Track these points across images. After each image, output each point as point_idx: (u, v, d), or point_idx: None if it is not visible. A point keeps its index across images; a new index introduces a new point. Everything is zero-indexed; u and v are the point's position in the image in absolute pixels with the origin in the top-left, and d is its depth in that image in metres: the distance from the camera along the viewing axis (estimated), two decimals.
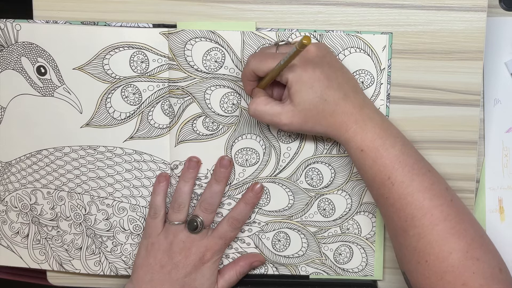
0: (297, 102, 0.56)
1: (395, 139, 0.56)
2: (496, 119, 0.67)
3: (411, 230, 0.54)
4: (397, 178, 0.54)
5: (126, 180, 0.67)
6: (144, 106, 0.65)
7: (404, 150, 0.55)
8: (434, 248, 0.53)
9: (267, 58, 0.57)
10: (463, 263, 0.52)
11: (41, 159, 0.68)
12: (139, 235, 0.68)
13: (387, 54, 0.63)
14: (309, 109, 0.56)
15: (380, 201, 0.57)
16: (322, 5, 0.63)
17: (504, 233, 0.68)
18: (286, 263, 0.68)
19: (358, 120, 0.56)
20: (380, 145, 0.55)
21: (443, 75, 0.63)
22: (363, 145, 0.55)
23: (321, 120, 0.56)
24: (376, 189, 0.56)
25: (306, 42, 0.50)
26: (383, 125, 0.56)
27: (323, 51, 0.57)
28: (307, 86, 0.55)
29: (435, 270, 0.53)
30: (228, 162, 0.65)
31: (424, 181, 0.54)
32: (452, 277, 0.52)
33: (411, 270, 0.55)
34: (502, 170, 0.68)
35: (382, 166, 0.55)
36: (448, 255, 0.52)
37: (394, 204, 0.55)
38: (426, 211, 0.53)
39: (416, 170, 0.55)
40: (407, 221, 0.54)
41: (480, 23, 0.62)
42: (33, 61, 0.65)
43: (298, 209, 0.67)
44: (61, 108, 0.66)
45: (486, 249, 0.53)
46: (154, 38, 0.64)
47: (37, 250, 0.70)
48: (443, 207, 0.54)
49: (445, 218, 0.53)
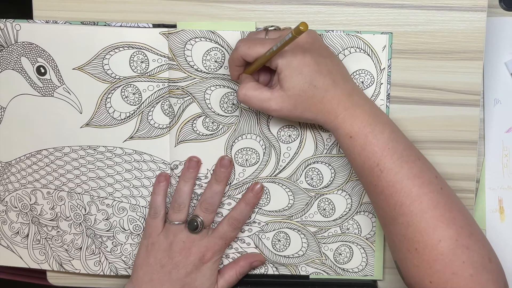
0: (286, 87, 0.56)
1: (384, 126, 0.56)
2: (496, 119, 0.67)
3: (400, 217, 0.54)
4: (385, 165, 0.54)
5: (126, 180, 0.67)
6: (144, 106, 0.65)
7: (393, 137, 0.55)
8: (423, 236, 0.52)
9: (256, 44, 0.57)
10: (453, 252, 0.52)
11: (41, 159, 0.68)
12: (139, 235, 0.68)
13: (387, 54, 0.63)
14: (299, 95, 0.56)
15: (369, 188, 0.56)
16: (322, 5, 0.63)
17: (504, 233, 0.68)
18: (286, 263, 0.68)
19: (347, 106, 0.56)
20: (369, 131, 0.55)
21: (443, 75, 0.63)
22: (352, 132, 0.55)
23: (310, 106, 0.56)
24: (365, 177, 0.56)
25: (303, 28, 0.50)
26: (372, 112, 0.56)
27: (313, 37, 0.57)
28: (297, 72, 0.55)
29: (424, 258, 0.52)
30: (228, 162, 0.65)
31: (413, 169, 0.54)
32: (441, 266, 0.52)
33: (401, 259, 0.55)
34: (502, 170, 0.68)
35: (371, 153, 0.55)
36: (437, 243, 0.52)
37: (383, 191, 0.55)
38: (414, 199, 0.53)
39: (405, 158, 0.54)
40: (395, 208, 0.54)
41: (480, 23, 0.62)
42: (33, 61, 0.65)
43: (298, 209, 0.67)
44: (61, 108, 0.66)
45: (475, 238, 0.53)
46: (154, 38, 0.64)
47: (37, 250, 0.70)
48: (432, 195, 0.53)
49: (434, 205, 0.53)
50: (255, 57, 0.57)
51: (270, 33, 0.60)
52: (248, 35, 0.62)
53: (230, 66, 0.60)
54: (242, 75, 0.60)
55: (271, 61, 0.56)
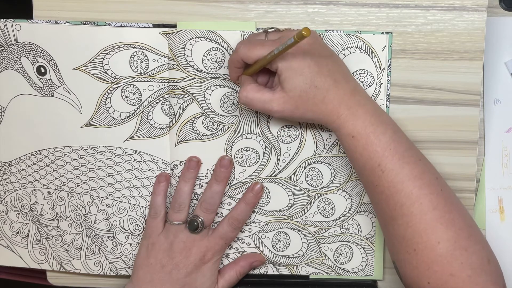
0: (288, 88, 0.56)
1: (386, 126, 0.56)
2: (496, 119, 0.67)
3: (400, 218, 0.54)
4: (387, 166, 0.54)
5: (126, 180, 0.67)
6: (144, 106, 0.65)
7: (395, 138, 0.55)
8: (422, 237, 0.53)
9: (256, 46, 0.57)
10: (451, 253, 0.52)
11: (41, 159, 0.68)
12: (139, 235, 0.68)
13: (387, 54, 0.63)
14: (300, 96, 0.56)
15: (369, 188, 0.57)
16: (322, 5, 0.63)
17: (504, 233, 0.68)
18: (286, 263, 0.68)
19: (350, 106, 0.56)
20: (371, 131, 0.55)
21: (443, 75, 0.63)
22: (354, 132, 0.55)
23: (312, 107, 0.56)
24: (366, 177, 0.56)
25: (306, 33, 0.50)
26: (375, 112, 0.56)
27: (313, 37, 0.57)
28: (297, 73, 0.55)
29: (423, 260, 0.53)
30: (228, 162, 0.65)
31: (414, 170, 0.54)
32: (439, 267, 0.52)
33: (400, 260, 0.55)
34: (502, 170, 0.68)
35: (373, 153, 0.55)
36: (436, 244, 0.52)
37: (383, 191, 0.55)
38: (415, 200, 0.53)
39: (406, 158, 0.54)
40: (396, 209, 0.54)
41: (480, 23, 0.62)
42: (33, 61, 0.65)
43: (298, 209, 0.67)
44: (61, 108, 0.66)
45: (474, 239, 0.53)
46: (154, 38, 0.64)
47: (37, 250, 0.70)
48: (432, 196, 0.53)
49: (434, 207, 0.53)
50: (255, 59, 0.57)
51: (270, 35, 0.60)
52: (248, 37, 0.62)
53: (230, 67, 0.61)
54: (241, 77, 0.60)
55: (271, 63, 0.56)
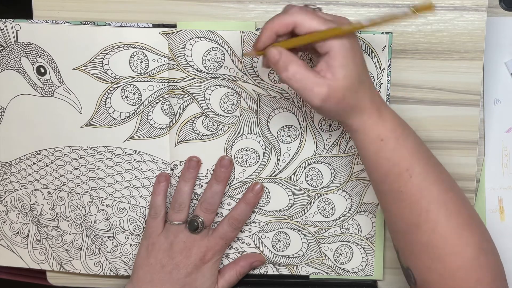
0: (342, 76, 0.49)
1: (409, 130, 0.54)
2: (496, 119, 0.67)
3: (425, 224, 0.52)
4: (415, 170, 0.52)
5: (126, 180, 0.67)
6: (144, 106, 0.65)
7: (417, 141, 0.54)
8: (449, 243, 0.51)
9: (315, 16, 0.49)
10: (477, 258, 0.51)
11: (41, 159, 0.67)
12: (139, 235, 0.68)
13: (387, 54, 0.63)
14: (349, 88, 0.50)
15: (391, 196, 0.53)
16: (322, 5, 0.63)
17: (504, 233, 0.68)
18: (286, 263, 0.68)
19: (378, 107, 0.52)
20: (400, 134, 0.52)
21: (443, 75, 0.63)
22: (383, 135, 0.52)
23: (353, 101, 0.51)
24: (389, 184, 0.53)
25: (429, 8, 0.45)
26: (395, 114, 0.54)
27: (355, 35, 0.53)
28: (353, 61, 0.50)
29: (449, 266, 0.51)
30: (228, 162, 0.65)
31: (438, 174, 0.53)
32: (464, 273, 0.51)
33: (419, 266, 0.53)
34: (502, 170, 0.68)
35: (402, 157, 0.52)
36: (462, 249, 0.51)
37: (409, 198, 0.52)
38: (441, 205, 0.51)
39: (431, 162, 0.53)
40: (421, 215, 0.52)
41: (480, 23, 0.62)
42: (33, 61, 0.65)
43: (298, 209, 0.67)
44: (61, 108, 0.66)
45: (492, 242, 0.53)
46: (154, 38, 0.63)
47: (37, 250, 0.70)
48: (457, 200, 0.52)
49: (458, 211, 0.52)
50: (311, 30, 0.49)
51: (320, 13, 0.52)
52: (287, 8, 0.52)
53: (267, 29, 0.50)
54: (271, 49, 0.51)
55: (324, 42, 0.49)
